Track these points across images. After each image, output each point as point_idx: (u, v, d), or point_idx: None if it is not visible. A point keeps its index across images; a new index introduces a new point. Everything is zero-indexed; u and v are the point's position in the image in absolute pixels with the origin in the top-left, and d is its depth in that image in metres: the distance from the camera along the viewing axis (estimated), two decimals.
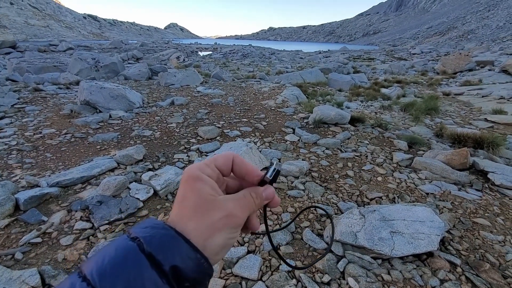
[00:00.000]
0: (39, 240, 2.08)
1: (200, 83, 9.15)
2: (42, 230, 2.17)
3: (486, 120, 6.03)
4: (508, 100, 7.71)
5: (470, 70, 15.38)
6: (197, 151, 3.80)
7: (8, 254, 1.93)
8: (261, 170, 0.42)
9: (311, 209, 2.53)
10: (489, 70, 14.75)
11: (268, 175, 0.41)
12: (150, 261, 0.29)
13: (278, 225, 2.30)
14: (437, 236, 1.95)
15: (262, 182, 0.41)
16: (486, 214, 2.51)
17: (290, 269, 1.85)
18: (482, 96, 8.50)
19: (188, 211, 0.35)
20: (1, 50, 21.88)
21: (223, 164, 0.40)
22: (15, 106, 5.64)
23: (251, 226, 0.43)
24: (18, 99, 6.12)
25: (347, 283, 1.74)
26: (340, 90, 9.92)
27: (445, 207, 2.60)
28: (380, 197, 2.77)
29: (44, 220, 2.30)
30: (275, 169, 0.41)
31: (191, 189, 0.36)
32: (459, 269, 1.87)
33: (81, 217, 2.35)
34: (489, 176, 3.12)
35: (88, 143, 3.99)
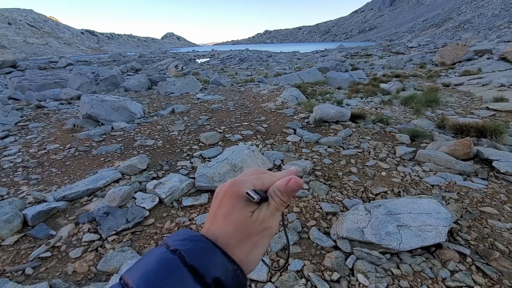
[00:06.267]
0: (48, 254, 2.10)
1: (200, 90, 9.21)
2: (51, 244, 2.19)
3: (487, 108, 5.99)
4: (509, 87, 7.65)
5: (469, 60, 15.32)
6: (200, 157, 3.82)
7: (19, 269, 1.95)
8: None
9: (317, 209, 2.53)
10: (488, 58, 14.68)
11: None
12: (192, 273, 0.31)
13: (285, 225, 2.29)
14: (444, 227, 1.94)
15: None
16: (493, 203, 2.49)
17: (299, 268, 1.85)
18: (482, 85, 8.44)
19: (231, 229, 0.37)
20: (2, 70, 22.19)
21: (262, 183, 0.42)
22: (18, 124, 5.73)
23: None
24: (21, 117, 6.21)
25: (357, 280, 1.73)
26: (339, 88, 9.92)
27: (451, 198, 2.59)
28: (385, 192, 2.76)
29: (52, 234, 2.32)
30: None
31: (232, 206, 0.38)
32: (469, 259, 1.86)
33: (89, 229, 2.37)
34: (494, 164, 3.10)
35: (92, 156, 4.02)
